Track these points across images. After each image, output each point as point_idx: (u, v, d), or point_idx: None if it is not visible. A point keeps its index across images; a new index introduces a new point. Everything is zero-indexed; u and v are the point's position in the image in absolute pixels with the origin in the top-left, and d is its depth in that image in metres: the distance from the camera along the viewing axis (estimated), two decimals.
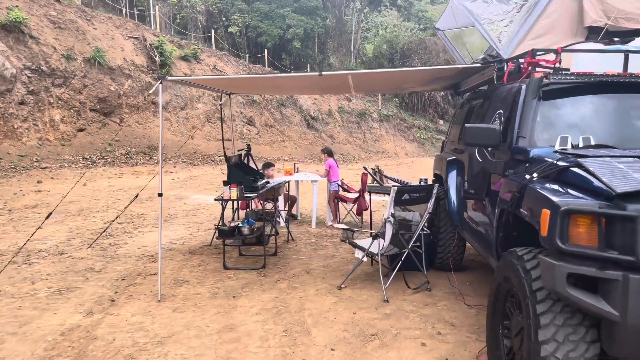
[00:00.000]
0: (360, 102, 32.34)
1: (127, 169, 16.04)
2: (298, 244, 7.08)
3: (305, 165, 21.91)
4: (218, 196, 5.53)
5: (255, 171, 6.44)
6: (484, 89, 5.57)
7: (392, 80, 5.21)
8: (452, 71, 4.67)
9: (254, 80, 5.32)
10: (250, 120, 24.16)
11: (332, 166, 8.38)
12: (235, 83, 5.34)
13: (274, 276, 5.49)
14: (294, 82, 5.28)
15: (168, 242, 7.19)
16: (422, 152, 34.00)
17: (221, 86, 5.60)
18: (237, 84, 5.45)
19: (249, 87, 5.78)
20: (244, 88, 6.00)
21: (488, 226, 3.85)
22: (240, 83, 5.46)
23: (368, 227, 8.15)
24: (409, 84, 5.61)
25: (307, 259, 6.25)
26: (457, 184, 5.19)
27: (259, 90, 6.81)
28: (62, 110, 17.26)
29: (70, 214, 9.46)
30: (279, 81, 5.04)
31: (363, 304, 4.64)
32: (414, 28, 40.48)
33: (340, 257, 6.30)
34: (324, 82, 5.16)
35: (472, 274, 5.61)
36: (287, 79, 4.86)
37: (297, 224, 8.62)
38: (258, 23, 31.54)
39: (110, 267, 5.83)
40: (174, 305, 4.57)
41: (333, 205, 8.43)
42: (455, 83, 6.15)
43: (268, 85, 5.69)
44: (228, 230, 5.36)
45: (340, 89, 5.74)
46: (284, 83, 5.32)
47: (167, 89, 21.10)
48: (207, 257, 6.29)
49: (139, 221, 8.88)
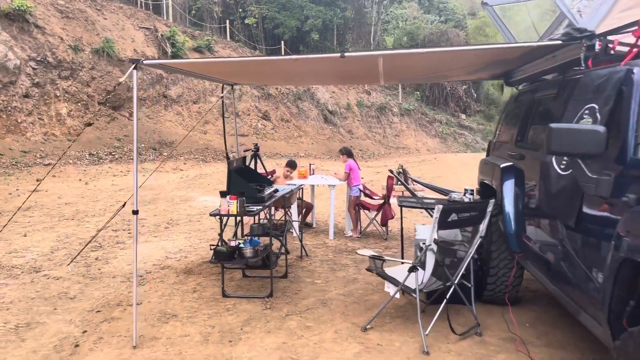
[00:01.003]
0: (380, 96, 31.08)
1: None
2: (313, 261, 6.03)
3: (322, 162, 20.84)
4: (214, 210, 4.49)
5: (261, 177, 5.39)
6: (546, 78, 4.44)
7: (434, 66, 4.11)
8: (517, 52, 3.56)
9: (255, 65, 4.24)
10: (266, 115, 23.16)
11: (353, 168, 7.30)
12: (231, 68, 4.27)
13: (283, 309, 4.45)
14: (307, 67, 4.20)
15: (163, 256, 6.22)
16: (445, 148, 32.59)
17: (214, 72, 4.52)
18: (234, 70, 4.38)
19: (255, 76, 4.74)
20: (248, 76, 4.95)
21: (580, 272, 2.73)
22: (238, 69, 4.39)
23: (392, 237, 7.07)
24: (455, 71, 4.50)
25: (323, 283, 5.20)
26: (516, 199, 4.07)
27: (267, 79, 5.70)
28: (69, 103, 16.49)
29: (63, 217, 8.58)
30: (288, 66, 3.99)
31: (395, 356, 3.57)
32: (434, 20, 39.01)
33: (364, 281, 5.23)
34: (346, 67, 4.10)
35: (532, 309, 4.48)
36: (297, 63, 3.80)
37: (312, 233, 7.57)
38: (275, 14, 30.47)
39: (88, 292, 4.86)
40: (152, 356, 3.57)
41: (353, 213, 7.35)
42: (508, 71, 5.00)
43: (275, 72, 4.62)
44: (226, 252, 4.33)
45: (366, 77, 4.64)
46: (296, 69, 4.26)
47: (178, 82, 20.23)
48: (205, 278, 5.29)
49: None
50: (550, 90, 3.83)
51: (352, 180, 7.29)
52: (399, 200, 4.97)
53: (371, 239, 7.22)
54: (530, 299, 4.73)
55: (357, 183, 7.30)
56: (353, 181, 7.29)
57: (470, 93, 39.45)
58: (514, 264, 4.07)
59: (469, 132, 36.57)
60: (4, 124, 14.30)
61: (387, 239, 7.23)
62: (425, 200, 5.10)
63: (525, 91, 4.61)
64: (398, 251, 6.53)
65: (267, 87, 23.81)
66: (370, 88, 30.85)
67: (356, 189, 7.28)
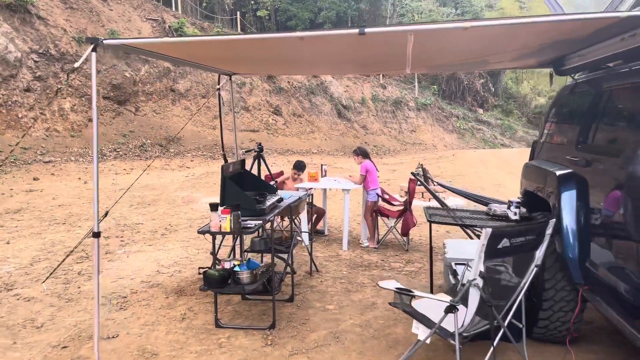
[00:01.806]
0: (396, 90, 30.08)
1: (139, 164, 14.53)
2: (324, 278, 5.24)
3: (336, 159, 20.02)
4: (203, 227, 3.71)
5: (264, 184, 4.58)
6: (608, 65, 3.57)
7: (477, 48, 3.26)
8: (589, 29, 2.72)
9: (247, 47, 3.38)
10: (277, 110, 22.37)
11: (370, 170, 6.48)
12: (221, 52, 3.42)
13: (287, 345, 3.67)
14: (317, 49, 3.37)
15: (155, 270, 5.49)
16: (462, 143, 31.47)
17: (202, 57, 3.64)
18: (226, 55, 3.55)
19: (255, 62, 3.92)
20: (246, 64, 4.13)
21: None
22: (230, 53, 3.54)
23: (414, 248, 6.21)
24: (500, 55, 3.64)
25: (336, 309, 4.40)
26: (579, 216, 3.23)
27: (271, 67, 4.80)
28: (72, 98, 15.87)
29: (54, 221, 7.92)
30: (293, 49, 3.18)
31: None
32: (450, 13, 37.81)
33: (384, 307, 4.43)
34: (365, 51, 3.28)
35: (594, 349, 3.63)
36: (304, 44, 2.99)
37: (324, 242, 6.78)
38: (288, 6, 29.62)
39: (59, 319, 4.14)
40: None
41: (370, 220, 6.54)
42: (560, 57, 4.13)
43: (278, 58, 3.79)
44: (218, 277, 3.55)
45: (390, 63, 3.78)
46: (303, 52, 3.44)
47: (187, 75, 19.53)
48: (197, 301, 4.53)
49: (130, 234, 7.24)
50: (630, 79, 2.97)
51: (369, 183, 6.47)
52: (428, 214, 4.13)
53: (390, 250, 6.41)
54: (589, 335, 3.87)
55: (374, 187, 6.48)
56: (370, 185, 6.47)
57: (488, 87, 38.22)
58: (577, 299, 3.23)
59: (487, 127, 35.39)
60: (4, 120, 13.73)
61: (408, 249, 6.41)
62: (457, 212, 4.27)
63: (587, 81, 3.74)
64: (422, 266, 5.71)
65: (279, 81, 23.02)
66: (386, 82, 29.88)
67: (374, 194, 6.46)
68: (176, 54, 3.75)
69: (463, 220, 3.94)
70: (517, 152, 25.26)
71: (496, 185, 13.46)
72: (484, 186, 13.20)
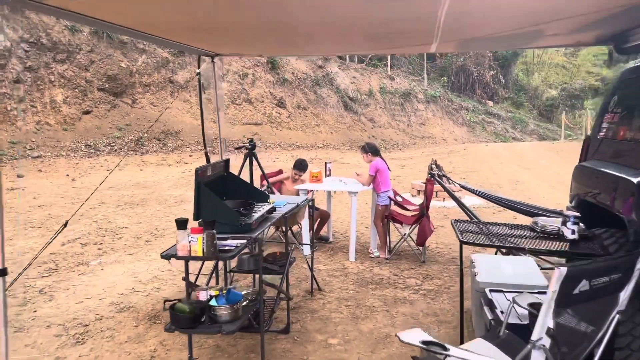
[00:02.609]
0: (405, 81, 29.08)
1: (134, 159, 13.77)
2: (327, 299, 4.42)
3: (342, 153, 19.18)
4: (166, 250, 2.89)
5: (253, 190, 3.72)
6: None
7: (527, 13, 2.39)
8: None
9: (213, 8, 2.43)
10: (281, 102, 21.49)
11: (381, 170, 5.63)
12: (178, 14, 2.42)
13: None
14: (317, 14, 2.49)
15: (130, 287, 4.69)
16: (473, 137, 30.45)
17: (154, 24, 2.57)
18: (184, 19, 2.55)
19: (238, 38, 3.06)
20: (227, 39, 3.24)
21: None
22: (192, 17, 2.54)
23: (431, 259, 5.32)
24: (554, 27, 2.76)
25: (341, 344, 3.58)
26: None
27: (261, 44, 3.73)
28: (65, 89, 15.09)
29: (29, 225, 7.15)
30: (283, 14, 2.33)
31: None
32: None
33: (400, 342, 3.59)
34: (382, 12, 2.40)
35: None
36: (297, 3, 2.12)
37: (328, 251, 5.96)
38: None
39: None
40: None
41: (381, 226, 5.71)
42: (621, 32, 3.25)
43: (266, 30, 2.90)
44: (189, 314, 2.74)
45: (412, 35, 2.90)
46: (298, 20, 2.57)
47: (186, 66, 18.70)
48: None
49: (111, 240, 6.45)
50: None
51: (379, 185, 5.62)
52: (459, 230, 3.27)
53: (404, 262, 5.57)
54: None
55: (386, 189, 5.63)
56: (381, 186, 5.62)
57: (498, 79, 37.11)
58: None
59: (498, 120, 34.34)
60: None
61: (425, 261, 5.57)
62: (492, 226, 3.42)
63: None
64: (443, 283, 4.87)
65: (282, 72, 22.15)
66: (394, 73, 28.91)
67: (385, 197, 5.62)
68: (119, 18, 2.72)
69: (502, 240, 3.09)
70: (531, 147, 24.27)
71: (514, 183, 12.57)
72: (501, 183, 12.31)
